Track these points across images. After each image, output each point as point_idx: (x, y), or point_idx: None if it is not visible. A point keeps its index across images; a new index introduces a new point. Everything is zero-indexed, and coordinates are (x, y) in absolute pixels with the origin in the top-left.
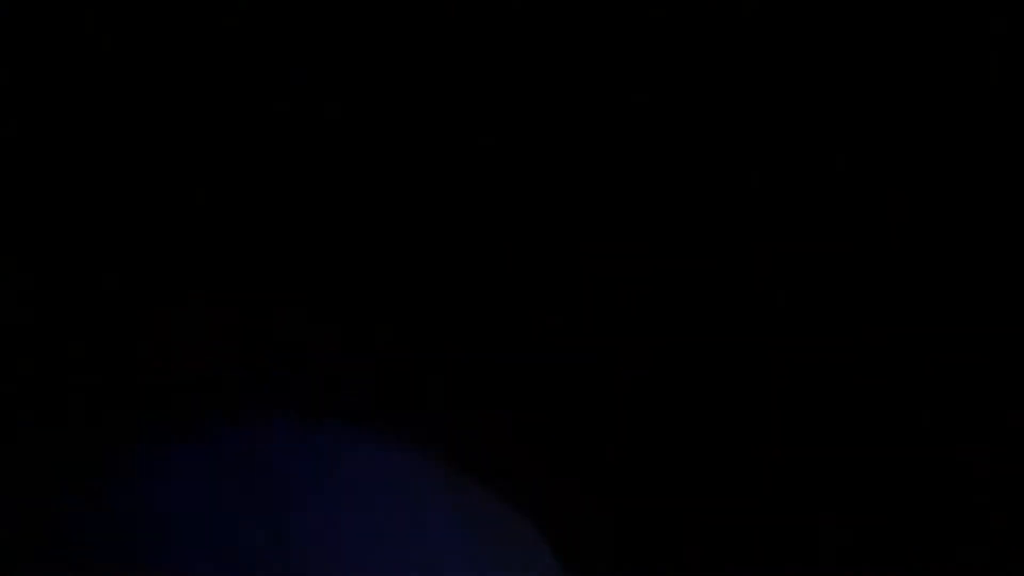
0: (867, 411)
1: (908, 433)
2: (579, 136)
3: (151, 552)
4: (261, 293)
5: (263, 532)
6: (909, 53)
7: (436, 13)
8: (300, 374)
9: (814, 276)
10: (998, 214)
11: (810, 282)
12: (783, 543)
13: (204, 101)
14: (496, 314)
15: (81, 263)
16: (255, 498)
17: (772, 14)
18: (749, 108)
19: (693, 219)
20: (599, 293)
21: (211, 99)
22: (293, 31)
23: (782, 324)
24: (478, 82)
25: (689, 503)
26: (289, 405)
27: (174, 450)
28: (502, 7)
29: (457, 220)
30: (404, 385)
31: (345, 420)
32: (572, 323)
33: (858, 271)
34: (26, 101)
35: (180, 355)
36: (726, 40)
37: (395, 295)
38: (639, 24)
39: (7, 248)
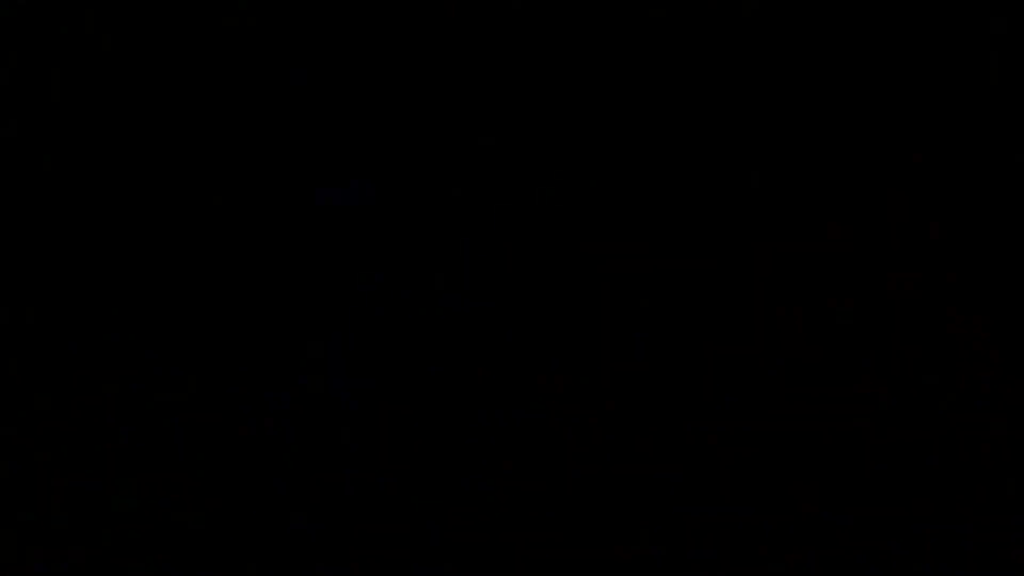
0: (867, 411)
1: (908, 433)
2: (579, 137)
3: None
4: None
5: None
6: (908, 53)
7: (436, 13)
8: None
9: (813, 276)
10: (998, 214)
11: (809, 282)
12: (779, 544)
13: (201, 103)
14: (493, 314)
15: (77, 264)
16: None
17: (772, 14)
18: (749, 108)
19: (693, 219)
20: (599, 293)
21: (206, 103)
22: (293, 31)
23: (781, 323)
24: (478, 83)
25: (686, 503)
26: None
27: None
28: (502, 7)
29: (457, 218)
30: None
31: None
32: (570, 322)
33: (858, 271)
34: (26, 102)
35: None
36: (726, 40)
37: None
38: (639, 24)
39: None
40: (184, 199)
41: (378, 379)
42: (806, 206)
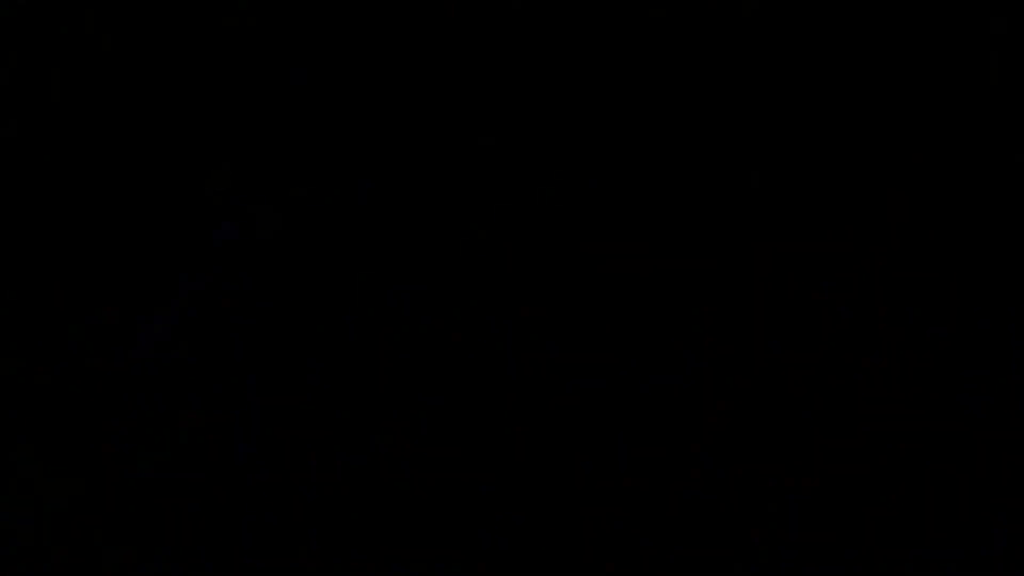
0: (868, 411)
1: (908, 433)
2: (579, 137)
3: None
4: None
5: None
6: (908, 53)
7: (436, 13)
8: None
9: (813, 276)
10: (998, 214)
11: (809, 282)
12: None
13: (201, 105)
14: (492, 313)
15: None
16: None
17: (772, 14)
18: (749, 108)
19: (693, 219)
20: (598, 293)
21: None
22: (293, 31)
23: (781, 323)
24: (478, 83)
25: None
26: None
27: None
28: (502, 7)
29: (458, 220)
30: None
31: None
32: (569, 321)
33: (858, 271)
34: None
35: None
36: (726, 40)
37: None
38: (639, 24)
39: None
40: (183, 198)
41: (376, 379)
42: (806, 206)
